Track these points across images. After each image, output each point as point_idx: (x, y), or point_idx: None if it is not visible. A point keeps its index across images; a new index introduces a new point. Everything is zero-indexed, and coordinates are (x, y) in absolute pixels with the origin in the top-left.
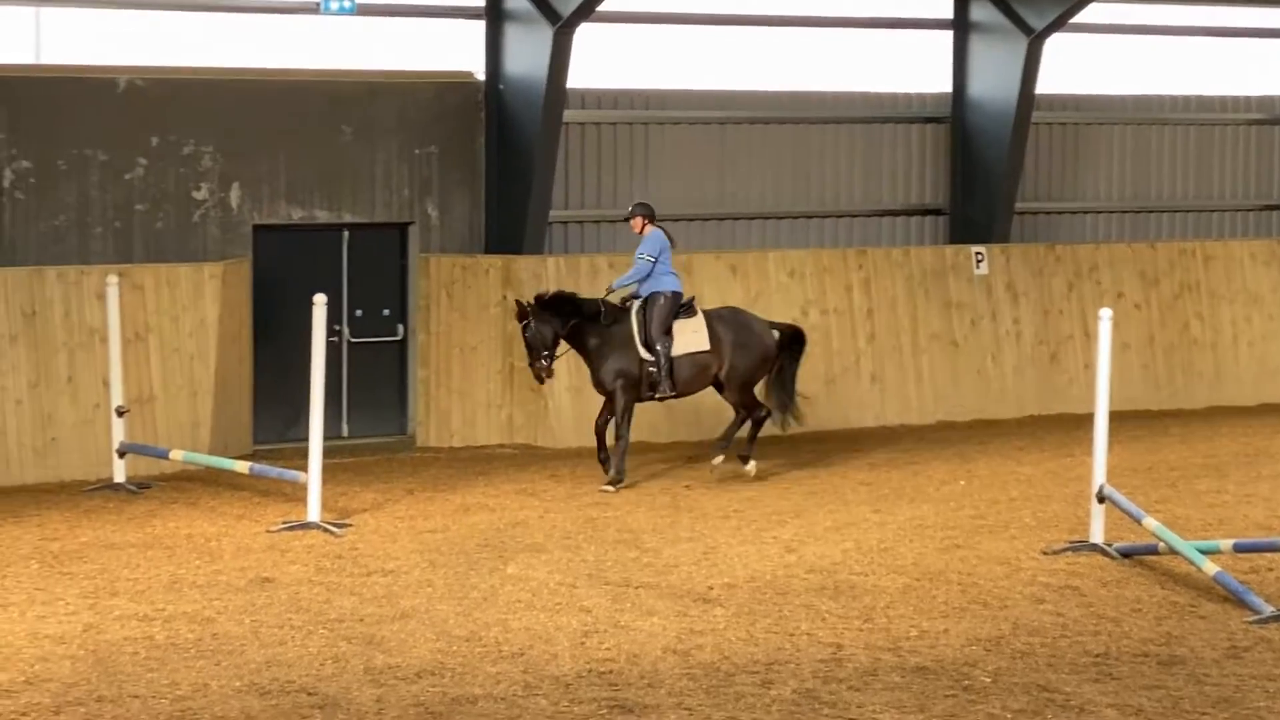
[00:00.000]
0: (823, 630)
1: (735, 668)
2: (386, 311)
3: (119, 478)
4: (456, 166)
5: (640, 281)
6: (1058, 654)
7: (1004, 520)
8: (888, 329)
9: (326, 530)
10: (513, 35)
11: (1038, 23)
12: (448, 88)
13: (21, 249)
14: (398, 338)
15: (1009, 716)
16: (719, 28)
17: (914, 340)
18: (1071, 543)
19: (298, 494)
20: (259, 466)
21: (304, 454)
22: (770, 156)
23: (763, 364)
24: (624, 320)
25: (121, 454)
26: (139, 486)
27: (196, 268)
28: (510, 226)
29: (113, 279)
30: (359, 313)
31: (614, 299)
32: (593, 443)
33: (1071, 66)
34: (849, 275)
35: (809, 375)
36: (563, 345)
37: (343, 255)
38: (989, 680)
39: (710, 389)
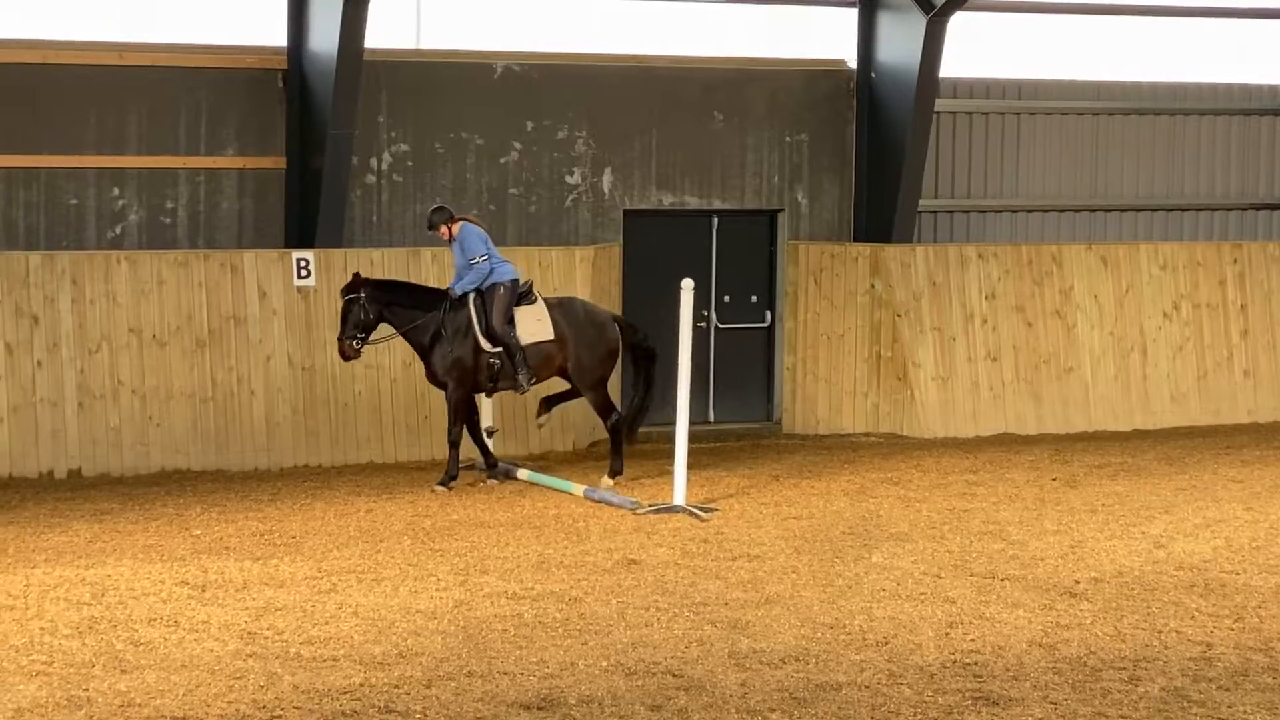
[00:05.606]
0: (1192, 628)
1: (1102, 663)
2: (754, 298)
3: None
4: (826, 154)
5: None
6: None
7: None
8: (1262, 324)
9: (692, 514)
10: (886, 23)
11: None
12: (819, 75)
13: (398, 230)
14: (765, 324)
15: None
16: (1093, 18)
17: None
18: None
19: (664, 477)
20: (593, 491)
21: (670, 438)
22: (1143, 148)
23: (609, 358)
24: (460, 309)
25: (490, 434)
26: (510, 466)
27: (568, 251)
28: (879, 215)
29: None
30: (727, 298)
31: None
32: (958, 433)
33: None
34: (1223, 269)
35: (1182, 370)
36: (384, 329)
37: (712, 241)
38: None
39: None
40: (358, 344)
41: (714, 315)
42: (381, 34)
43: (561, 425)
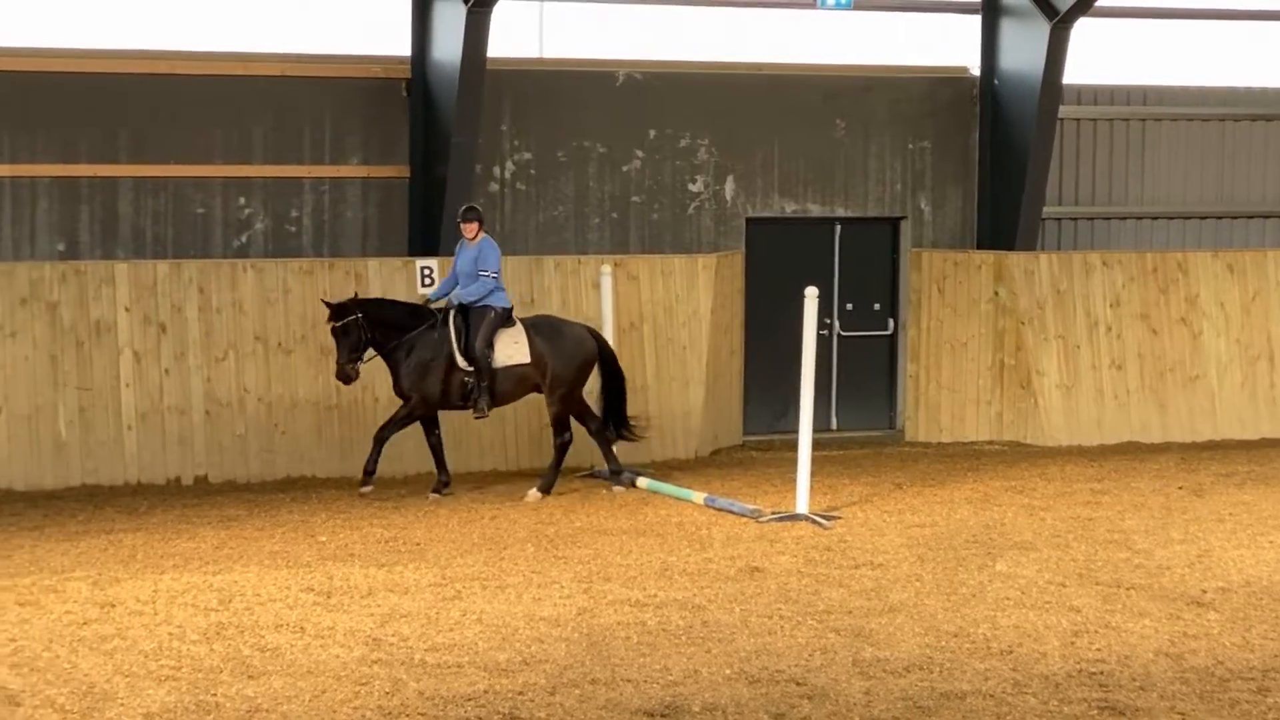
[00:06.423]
0: None
1: (1230, 673)
2: (877, 305)
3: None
4: (949, 161)
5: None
6: None
7: None
8: None
9: (815, 522)
10: (1009, 30)
11: None
12: (941, 82)
13: (520, 238)
14: (887, 332)
15: None
16: (1219, 23)
17: None
18: None
19: (787, 485)
20: (714, 499)
21: (793, 446)
22: (1271, 154)
23: (584, 370)
24: (442, 328)
25: (612, 442)
26: (632, 473)
27: (690, 259)
28: (1003, 222)
29: (607, 268)
30: (849, 306)
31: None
32: (1083, 441)
33: None
34: None
35: None
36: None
37: (834, 249)
38: None
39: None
40: (357, 364)
41: (836, 323)
42: (504, 43)
43: (684, 433)
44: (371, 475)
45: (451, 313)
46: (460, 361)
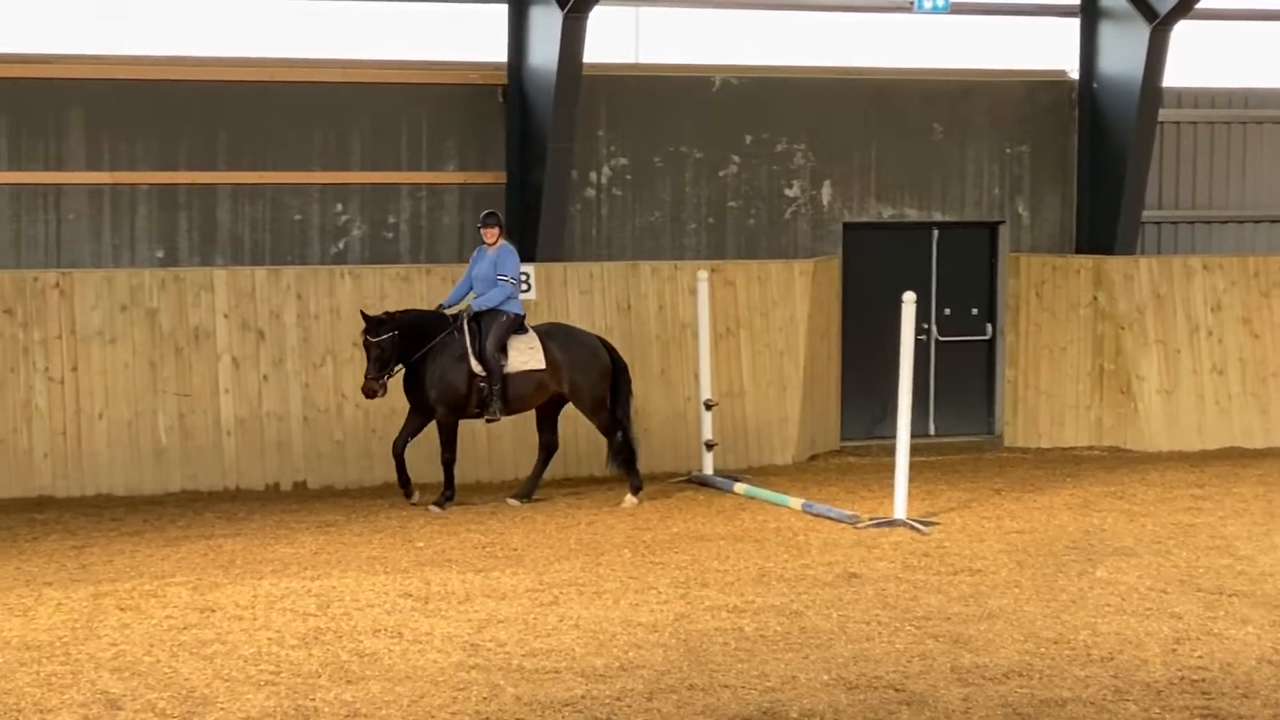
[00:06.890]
0: None
1: None
2: (975, 310)
3: (707, 470)
4: (1047, 165)
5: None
6: None
7: None
8: None
9: (913, 528)
10: (1107, 33)
11: None
12: (1039, 86)
13: (618, 243)
14: (986, 337)
15: None
16: None
17: None
18: None
19: (885, 491)
20: (812, 504)
21: (890, 451)
22: None
23: (603, 379)
24: (455, 334)
25: (710, 447)
26: (729, 479)
27: (787, 264)
28: (1102, 226)
29: (703, 274)
30: (947, 311)
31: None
32: (1183, 447)
33: None
34: None
35: None
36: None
37: (932, 254)
38: None
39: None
40: (386, 380)
41: (934, 328)
42: (600, 48)
43: (780, 438)
44: (450, 499)
45: (465, 319)
46: (475, 366)
